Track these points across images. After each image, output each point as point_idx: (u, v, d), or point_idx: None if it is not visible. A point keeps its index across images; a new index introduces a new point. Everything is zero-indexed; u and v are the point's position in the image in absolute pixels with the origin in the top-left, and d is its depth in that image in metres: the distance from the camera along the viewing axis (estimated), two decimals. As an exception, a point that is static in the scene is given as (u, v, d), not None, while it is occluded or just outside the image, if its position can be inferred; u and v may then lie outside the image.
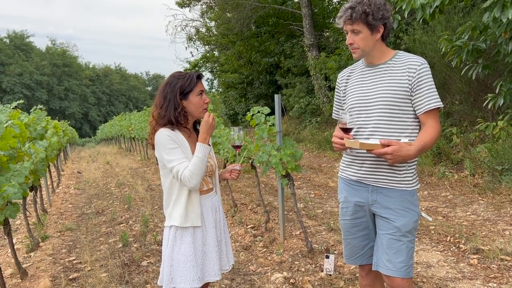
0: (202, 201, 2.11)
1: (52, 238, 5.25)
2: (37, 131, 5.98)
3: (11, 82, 53.78)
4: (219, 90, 26.78)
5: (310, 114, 14.72)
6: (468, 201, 5.40)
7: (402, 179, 2.07)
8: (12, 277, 4.05)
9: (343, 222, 2.32)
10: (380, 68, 2.11)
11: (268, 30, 18.69)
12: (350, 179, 2.23)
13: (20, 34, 63.74)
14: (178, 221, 2.03)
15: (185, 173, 1.96)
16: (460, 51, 5.74)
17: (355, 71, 2.26)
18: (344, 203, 2.29)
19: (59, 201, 7.70)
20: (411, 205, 2.09)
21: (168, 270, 2.04)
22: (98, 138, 37.93)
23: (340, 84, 2.32)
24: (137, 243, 4.81)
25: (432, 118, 2.02)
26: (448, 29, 7.67)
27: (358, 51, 2.09)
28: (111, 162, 14.31)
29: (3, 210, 3.08)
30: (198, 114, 2.10)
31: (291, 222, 5.12)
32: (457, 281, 3.29)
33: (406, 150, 1.91)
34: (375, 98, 2.08)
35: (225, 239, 2.24)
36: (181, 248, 2.03)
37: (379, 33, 2.05)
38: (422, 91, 2.00)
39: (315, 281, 3.47)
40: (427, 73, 2.01)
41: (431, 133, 2.00)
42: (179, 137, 2.05)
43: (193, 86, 2.05)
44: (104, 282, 3.76)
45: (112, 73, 79.23)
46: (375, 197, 2.12)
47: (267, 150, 4.17)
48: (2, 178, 3.15)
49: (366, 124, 2.11)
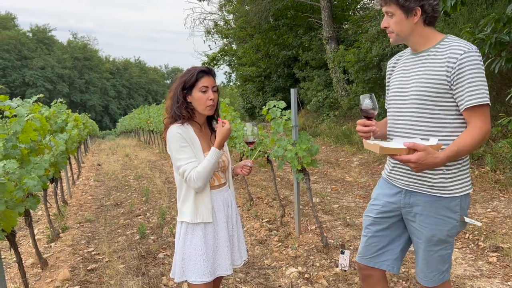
0: (214, 196, 2.11)
1: (72, 229, 5.36)
2: (58, 124, 6.10)
3: (34, 76, 54.86)
4: (237, 84, 26.82)
5: (328, 107, 14.61)
6: (489, 198, 5.29)
7: (436, 185, 1.88)
8: (33, 266, 4.16)
9: (366, 218, 2.19)
10: (422, 56, 1.92)
11: (286, 23, 18.56)
12: (387, 178, 2.11)
13: (42, 28, 64.95)
14: (188, 217, 2.05)
15: (192, 174, 1.98)
16: (483, 44, 5.60)
17: (401, 59, 2.08)
18: (374, 199, 2.16)
19: (79, 193, 7.85)
20: (449, 212, 1.89)
21: (180, 264, 2.06)
22: (118, 130, 38.45)
23: (387, 72, 2.17)
24: (154, 235, 4.87)
25: (476, 116, 1.78)
26: (470, 21, 7.49)
27: (393, 36, 1.93)
28: (130, 154, 14.50)
29: (24, 201, 3.15)
30: (201, 110, 2.09)
31: (307, 216, 5.11)
32: (475, 279, 3.23)
33: (433, 157, 1.70)
34: (410, 90, 1.91)
35: (237, 234, 2.25)
36: (192, 243, 2.05)
37: (416, 17, 1.85)
38: (463, 85, 1.77)
39: (330, 277, 3.46)
40: (471, 64, 1.75)
41: (471, 135, 1.77)
42: (190, 133, 2.06)
43: (195, 82, 2.05)
44: (121, 273, 3.82)
45: (131, 67, 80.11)
46: (408, 201, 1.97)
47: (283, 145, 4.16)
48: (23, 171, 3.22)
49: (399, 118, 1.97)
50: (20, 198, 2.90)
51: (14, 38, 55.39)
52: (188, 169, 1.98)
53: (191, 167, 1.99)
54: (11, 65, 53.97)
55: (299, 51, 17.14)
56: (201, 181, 1.98)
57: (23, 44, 56.71)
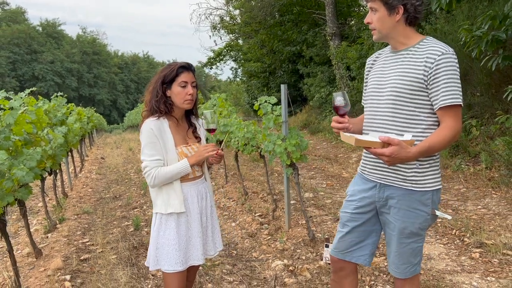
0: (187, 188, 2.18)
1: (69, 220, 5.48)
2: (57, 118, 6.20)
3: (43, 70, 55.33)
4: (243, 79, 26.86)
5: (331, 104, 14.60)
6: (481, 195, 5.31)
7: (409, 178, 1.93)
8: (28, 256, 4.28)
9: (342, 215, 2.23)
10: (401, 55, 1.97)
11: (291, 19, 18.55)
12: (362, 173, 2.16)
13: (52, 22, 65.35)
14: (161, 208, 2.13)
15: (153, 172, 2.07)
16: (480, 41, 5.60)
17: (381, 56, 2.13)
18: (350, 196, 2.19)
19: (80, 185, 7.99)
20: (421, 205, 1.95)
21: (154, 253, 2.14)
22: (125, 125, 38.72)
23: (366, 69, 2.21)
24: (148, 228, 4.97)
25: (449, 116, 1.84)
26: (470, 19, 7.46)
27: (376, 32, 1.98)
28: (134, 148, 14.64)
29: (15, 191, 3.25)
30: (180, 104, 2.15)
31: (299, 211, 5.17)
32: (455, 274, 3.28)
33: (405, 152, 1.75)
34: (387, 87, 1.96)
35: (212, 225, 2.32)
36: (166, 233, 2.12)
37: (398, 15, 1.90)
38: (438, 85, 1.82)
39: (314, 269, 3.52)
40: (448, 65, 1.81)
41: (443, 134, 1.83)
42: (164, 127, 2.12)
43: (175, 76, 2.11)
44: (112, 263, 3.92)
45: (140, 61, 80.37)
46: (383, 195, 2.02)
47: (273, 140, 4.22)
48: (15, 162, 3.32)
49: (376, 114, 2.01)
50: (9, 188, 3.00)
51: (24, 32, 55.88)
52: (149, 166, 2.07)
53: (152, 165, 2.07)
54: (21, 59, 54.47)
55: (304, 47, 17.13)
56: (158, 181, 2.08)
57: (32, 38, 57.19)
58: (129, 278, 3.55)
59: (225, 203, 5.99)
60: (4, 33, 53.80)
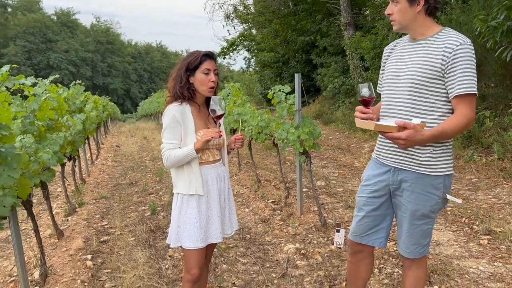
0: (208, 171, 2.30)
1: (87, 204, 5.67)
2: (76, 105, 6.39)
3: (58, 59, 55.99)
4: (256, 69, 26.88)
5: (344, 94, 14.60)
6: (492, 185, 5.35)
7: (423, 163, 2.02)
8: (50, 237, 4.47)
9: (359, 199, 2.32)
10: (419, 44, 2.04)
11: (305, 8, 18.45)
12: (377, 158, 2.24)
13: (66, 11, 65.94)
14: (183, 189, 2.25)
15: (166, 154, 2.20)
16: (495, 31, 5.59)
17: (398, 45, 2.20)
18: (366, 180, 2.29)
19: (97, 172, 8.19)
20: (433, 189, 2.04)
21: (175, 231, 2.27)
22: (139, 114, 39.09)
23: (384, 57, 2.29)
24: (164, 212, 5.13)
25: (463, 104, 1.91)
26: (486, 9, 7.41)
27: (396, 24, 2.05)
28: (148, 137, 14.85)
29: (40, 174, 3.41)
30: (202, 91, 2.27)
31: (311, 198, 5.28)
32: (463, 259, 3.36)
33: (420, 134, 1.84)
34: (405, 75, 2.03)
35: (229, 206, 2.44)
36: (187, 212, 2.25)
37: (419, 6, 1.97)
38: (455, 74, 1.90)
39: (325, 253, 3.64)
40: (465, 55, 1.89)
41: (456, 120, 1.91)
42: (186, 112, 2.24)
43: (198, 64, 2.22)
44: (131, 245, 4.09)
45: (153, 51, 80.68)
46: (396, 178, 2.10)
47: (286, 128, 4.32)
48: (40, 146, 3.48)
49: (394, 101, 2.08)
50: (36, 170, 3.16)
51: (39, 21, 56.50)
52: (165, 147, 2.21)
53: (168, 147, 2.21)
54: (36, 48, 55.16)
55: (317, 37, 17.08)
56: (169, 163, 2.21)
57: (47, 27, 57.81)
58: (147, 259, 3.71)
59: (238, 190, 6.12)
60: (19, 22, 54.51)
